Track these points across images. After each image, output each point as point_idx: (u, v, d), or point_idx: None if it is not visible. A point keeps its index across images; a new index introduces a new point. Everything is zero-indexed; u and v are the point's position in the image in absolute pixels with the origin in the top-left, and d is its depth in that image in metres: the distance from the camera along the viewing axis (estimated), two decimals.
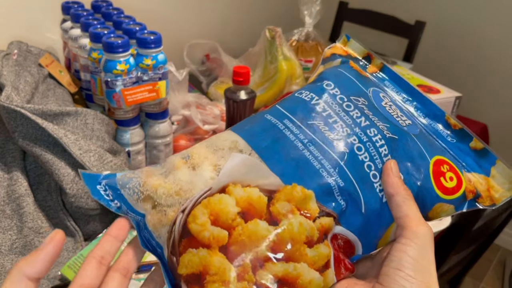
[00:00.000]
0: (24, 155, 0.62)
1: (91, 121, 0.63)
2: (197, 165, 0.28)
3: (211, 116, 0.83)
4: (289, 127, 0.29)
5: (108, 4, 0.80)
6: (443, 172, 0.30)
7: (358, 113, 0.30)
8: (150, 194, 0.28)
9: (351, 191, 0.27)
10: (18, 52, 0.70)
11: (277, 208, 0.26)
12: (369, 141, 0.29)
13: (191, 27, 1.20)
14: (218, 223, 0.25)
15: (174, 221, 0.26)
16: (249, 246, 0.25)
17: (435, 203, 0.30)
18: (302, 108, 0.30)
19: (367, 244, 0.29)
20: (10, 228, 0.57)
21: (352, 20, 1.45)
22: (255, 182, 0.26)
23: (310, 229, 0.26)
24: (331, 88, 0.31)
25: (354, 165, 0.28)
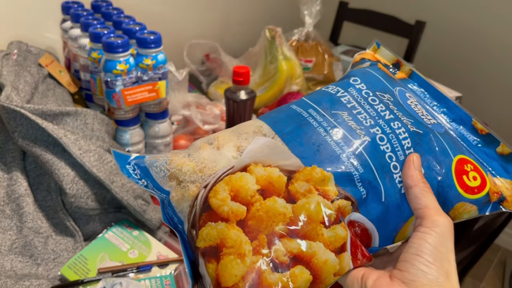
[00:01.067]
0: (24, 155, 0.62)
1: (91, 121, 0.63)
2: (221, 146, 0.29)
3: (211, 116, 0.83)
4: (313, 115, 0.30)
5: (108, 4, 0.80)
6: (467, 170, 0.29)
7: (382, 107, 0.30)
8: (175, 171, 0.29)
9: (371, 179, 0.28)
10: (18, 52, 0.70)
11: (296, 187, 0.27)
12: (392, 133, 0.29)
13: (191, 27, 1.20)
14: (238, 199, 0.26)
15: (196, 195, 0.27)
16: (266, 222, 0.26)
17: (457, 202, 0.29)
18: (328, 99, 0.31)
19: (384, 236, 0.28)
20: (10, 228, 0.57)
21: (352, 20, 1.45)
22: (276, 162, 0.27)
23: (328, 208, 0.26)
24: (358, 83, 0.32)
25: (375, 154, 0.28)
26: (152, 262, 0.56)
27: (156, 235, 0.61)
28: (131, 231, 0.60)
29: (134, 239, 0.59)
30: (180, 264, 0.56)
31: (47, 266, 0.56)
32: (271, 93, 0.97)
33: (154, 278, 0.53)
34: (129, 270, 0.54)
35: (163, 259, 0.56)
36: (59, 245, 0.58)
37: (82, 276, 0.53)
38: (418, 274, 0.24)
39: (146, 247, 0.58)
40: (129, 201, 0.58)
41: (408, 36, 1.35)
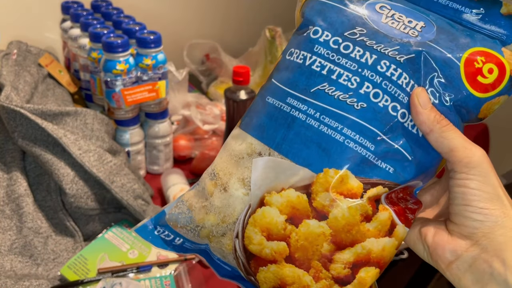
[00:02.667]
0: (24, 155, 0.62)
1: (90, 121, 0.63)
2: (226, 185, 0.27)
3: (211, 116, 0.83)
4: (295, 106, 0.26)
5: (108, 4, 0.80)
6: (479, 68, 0.25)
7: (360, 50, 0.26)
8: (201, 230, 0.28)
9: (387, 148, 0.25)
10: (18, 52, 0.70)
11: (320, 202, 0.25)
12: (384, 78, 0.25)
13: (191, 27, 1.20)
14: (273, 237, 0.25)
15: (234, 248, 0.27)
16: (311, 248, 0.25)
17: (482, 105, 0.26)
18: (299, 75, 0.27)
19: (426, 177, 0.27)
20: (10, 228, 0.57)
21: None
22: (287, 183, 0.26)
23: (361, 207, 0.25)
24: (320, 34, 0.27)
25: (377, 117, 0.25)
26: (152, 262, 0.56)
27: None
28: (131, 231, 0.60)
29: (134, 239, 0.59)
30: (180, 264, 0.56)
31: (47, 266, 0.56)
32: None
33: (154, 278, 0.53)
34: (129, 270, 0.54)
35: (163, 259, 0.56)
36: (59, 245, 0.58)
37: (82, 276, 0.53)
38: (475, 225, 0.23)
39: (146, 247, 0.58)
40: (129, 201, 0.58)
41: None
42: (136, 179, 0.62)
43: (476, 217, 0.23)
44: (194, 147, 0.80)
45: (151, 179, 0.75)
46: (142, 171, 0.76)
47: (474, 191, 0.23)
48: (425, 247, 0.26)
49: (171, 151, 0.78)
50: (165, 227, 0.29)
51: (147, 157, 0.76)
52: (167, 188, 0.69)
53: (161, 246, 0.29)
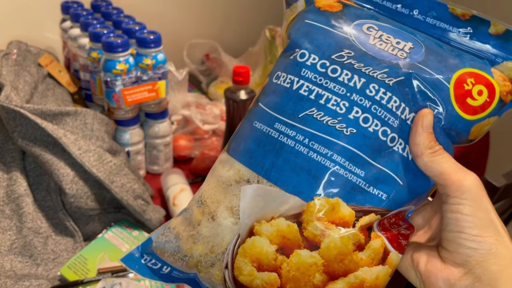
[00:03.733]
0: (24, 155, 0.62)
1: (90, 121, 0.63)
2: (214, 214, 0.26)
3: (211, 116, 0.83)
4: (283, 131, 0.25)
5: (108, 4, 0.80)
6: (469, 90, 0.25)
7: (348, 73, 0.25)
8: (189, 259, 0.27)
9: (377, 174, 0.24)
10: (18, 52, 0.70)
11: (311, 231, 0.24)
12: (373, 103, 0.25)
13: (191, 27, 1.20)
14: (263, 267, 0.25)
15: (223, 278, 0.26)
16: (303, 279, 0.24)
17: (471, 127, 0.26)
18: (287, 99, 0.26)
19: (418, 201, 0.26)
20: (10, 228, 0.57)
21: None
22: (277, 212, 0.25)
23: (353, 236, 0.24)
24: (307, 58, 0.26)
25: (367, 142, 0.24)
26: None
27: None
28: (131, 231, 0.60)
29: (134, 239, 0.59)
30: None
31: (47, 266, 0.56)
32: None
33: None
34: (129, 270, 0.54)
35: None
36: (58, 245, 0.58)
37: (81, 276, 0.53)
38: (469, 253, 0.22)
39: None
40: (128, 201, 0.58)
41: None
42: (136, 179, 0.62)
43: (470, 244, 0.22)
44: (194, 147, 0.80)
45: (151, 179, 0.75)
46: (142, 171, 0.76)
47: (467, 217, 0.22)
48: (417, 274, 0.25)
49: (171, 151, 0.78)
50: (152, 255, 0.28)
51: (147, 157, 0.76)
52: (167, 188, 0.69)
53: (149, 276, 0.28)
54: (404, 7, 0.28)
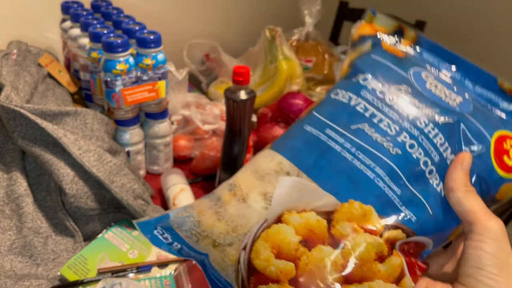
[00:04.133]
0: (24, 155, 0.62)
1: (90, 121, 0.62)
2: (246, 196, 0.27)
3: (211, 116, 0.83)
4: (333, 137, 0.27)
5: (108, 4, 0.80)
6: (507, 150, 0.27)
7: (403, 104, 0.28)
8: (207, 235, 0.27)
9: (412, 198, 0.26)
10: (18, 52, 0.70)
11: (339, 230, 0.25)
12: (421, 134, 0.26)
13: (191, 27, 1.20)
14: (282, 255, 0.24)
15: (238, 259, 0.25)
16: (318, 275, 0.24)
17: (501, 185, 0.28)
18: (342, 112, 0.28)
19: (438, 240, 0.27)
20: (10, 228, 0.57)
21: (353, 19, 1.45)
22: (309, 205, 0.25)
23: (378, 245, 0.24)
24: (369, 82, 0.29)
25: (408, 166, 0.26)
26: (152, 262, 0.55)
27: None
28: (131, 231, 0.60)
29: (134, 239, 0.59)
30: (180, 264, 0.56)
31: (47, 266, 0.56)
32: (271, 93, 0.96)
33: (154, 278, 0.53)
34: (129, 270, 0.54)
35: (163, 260, 0.56)
36: (58, 245, 0.58)
37: (81, 276, 0.53)
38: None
39: (146, 247, 0.57)
40: (129, 201, 0.58)
41: None
42: (136, 179, 0.62)
43: (488, 282, 0.23)
44: (194, 147, 0.80)
45: (151, 179, 0.75)
46: (142, 171, 0.76)
47: (488, 255, 0.23)
48: None
49: (171, 151, 0.78)
50: (166, 229, 0.29)
51: (147, 157, 0.76)
52: (167, 188, 0.69)
53: (158, 245, 0.29)
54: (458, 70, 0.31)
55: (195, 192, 0.71)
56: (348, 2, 1.45)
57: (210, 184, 0.76)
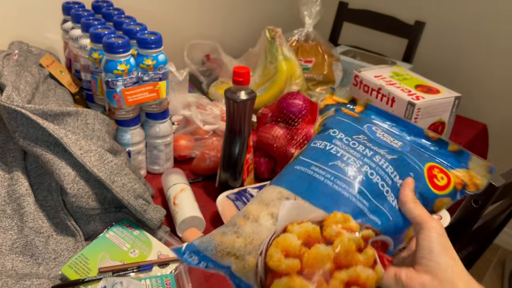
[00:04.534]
0: (25, 155, 0.62)
1: (91, 121, 0.63)
2: (257, 218, 0.36)
3: (211, 116, 0.83)
4: (317, 171, 0.38)
5: (109, 5, 0.80)
6: (435, 174, 0.40)
7: (362, 147, 0.40)
8: (230, 250, 0.36)
9: (376, 208, 0.36)
10: (19, 52, 0.70)
11: (329, 232, 0.34)
12: (377, 166, 0.38)
13: (191, 28, 1.20)
14: (289, 256, 0.34)
15: (256, 264, 0.34)
16: (317, 266, 0.33)
17: (435, 200, 0.39)
18: (321, 154, 0.40)
19: (397, 241, 0.37)
20: (11, 227, 0.57)
21: (352, 20, 1.45)
22: (306, 218, 0.35)
23: (357, 240, 0.34)
24: (337, 134, 0.41)
25: (371, 188, 0.37)
26: (152, 261, 0.56)
27: (157, 234, 0.61)
28: (132, 230, 0.60)
29: (134, 238, 0.59)
30: (180, 264, 0.56)
31: (48, 265, 0.56)
32: (271, 93, 0.97)
33: (154, 278, 0.53)
34: (130, 269, 0.54)
35: (163, 259, 0.56)
36: (60, 244, 0.58)
37: (83, 275, 0.53)
38: (435, 266, 0.34)
39: (147, 247, 0.58)
40: (129, 201, 0.59)
41: (407, 37, 1.35)
42: (137, 179, 0.63)
43: (437, 259, 0.34)
44: (194, 147, 0.80)
45: (151, 179, 0.76)
46: (143, 171, 0.76)
47: (435, 244, 0.34)
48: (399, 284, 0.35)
49: (172, 151, 0.78)
50: (194, 252, 0.37)
51: (148, 157, 0.76)
52: (167, 188, 0.69)
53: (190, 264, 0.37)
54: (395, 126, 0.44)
55: (196, 191, 0.71)
56: (347, 3, 1.45)
57: (211, 184, 0.76)
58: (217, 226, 0.66)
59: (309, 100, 0.81)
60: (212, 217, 0.69)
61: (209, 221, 0.68)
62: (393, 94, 0.79)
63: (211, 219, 0.69)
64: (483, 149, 1.10)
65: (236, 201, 0.66)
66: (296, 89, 0.96)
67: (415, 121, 0.78)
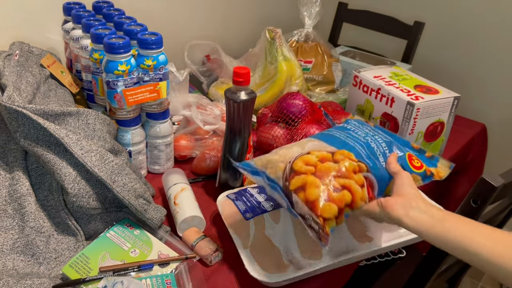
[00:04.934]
0: (26, 155, 0.63)
1: (92, 121, 0.63)
2: (290, 147, 0.57)
3: (212, 116, 0.83)
4: (334, 132, 0.59)
5: (109, 5, 0.81)
6: (413, 159, 0.58)
7: (368, 128, 0.60)
8: (267, 162, 0.55)
9: (370, 157, 0.55)
10: (20, 53, 0.71)
11: (337, 156, 0.53)
12: (375, 140, 0.58)
13: (191, 28, 1.20)
14: (308, 165, 0.52)
15: (284, 168, 0.53)
16: (325, 172, 0.51)
17: (411, 174, 0.54)
18: (338, 127, 0.61)
19: (381, 186, 0.54)
20: (12, 227, 0.57)
21: (351, 21, 1.46)
22: (323, 150, 0.55)
23: (354, 165, 0.52)
24: (351, 122, 0.62)
25: (369, 148, 0.56)
26: (153, 261, 0.56)
27: (157, 234, 0.61)
28: (132, 230, 0.60)
29: (135, 238, 0.59)
30: (180, 263, 0.57)
31: (49, 265, 0.56)
32: (271, 93, 0.97)
33: (155, 277, 0.53)
34: (130, 269, 0.55)
35: (164, 258, 0.57)
36: (60, 244, 0.58)
37: (83, 275, 0.53)
38: (405, 191, 0.50)
39: (147, 246, 0.58)
40: (130, 200, 0.59)
41: (407, 37, 1.35)
42: (138, 178, 0.63)
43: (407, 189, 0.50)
44: (194, 147, 0.81)
45: (152, 178, 0.76)
46: (144, 170, 0.76)
47: (406, 180, 0.51)
48: (380, 205, 0.50)
49: (172, 151, 0.78)
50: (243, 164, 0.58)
51: (148, 157, 0.77)
52: (168, 188, 0.69)
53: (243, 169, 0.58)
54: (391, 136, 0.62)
55: (196, 191, 0.71)
56: (347, 3, 1.45)
57: (211, 184, 0.76)
58: (217, 226, 0.66)
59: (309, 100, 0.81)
60: (212, 217, 0.69)
61: (209, 220, 0.68)
62: (393, 94, 0.79)
63: (211, 218, 0.69)
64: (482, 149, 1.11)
65: (236, 201, 0.66)
66: (296, 89, 0.97)
67: (414, 121, 0.78)
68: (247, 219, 0.62)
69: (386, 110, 0.81)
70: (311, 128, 0.75)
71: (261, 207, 0.64)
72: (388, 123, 0.82)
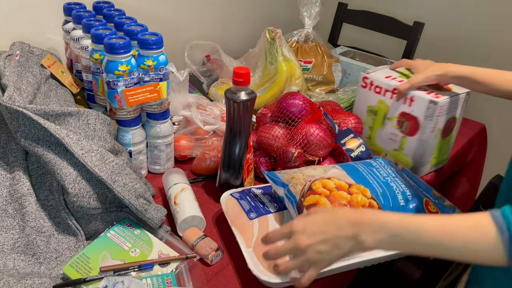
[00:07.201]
0: (27, 155, 0.63)
1: (93, 121, 0.63)
2: (315, 168, 0.65)
3: (212, 116, 0.83)
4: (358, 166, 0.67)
5: (110, 6, 0.81)
6: (429, 204, 0.65)
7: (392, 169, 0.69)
8: (292, 178, 0.63)
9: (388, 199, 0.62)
10: (21, 53, 0.71)
11: (352, 189, 0.61)
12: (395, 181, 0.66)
13: (192, 28, 1.20)
14: (325, 188, 0.60)
15: (304, 185, 0.60)
16: (338, 199, 0.59)
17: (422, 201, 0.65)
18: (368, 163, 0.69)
19: None
20: (13, 227, 0.57)
21: (351, 21, 1.46)
22: (343, 179, 0.62)
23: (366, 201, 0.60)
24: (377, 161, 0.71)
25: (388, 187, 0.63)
26: (153, 260, 0.56)
27: (158, 234, 0.61)
28: (133, 230, 0.60)
29: (135, 238, 0.59)
30: (181, 263, 0.57)
31: (50, 265, 0.56)
32: (271, 93, 0.97)
33: (155, 277, 0.54)
34: (131, 268, 0.55)
35: (164, 258, 0.57)
36: (61, 244, 0.58)
37: (84, 274, 0.54)
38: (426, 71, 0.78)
39: (148, 246, 0.58)
40: (130, 200, 0.59)
41: (406, 37, 1.35)
42: (138, 178, 0.63)
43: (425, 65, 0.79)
44: (195, 147, 0.81)
45: (152, 178, 0.76)
46: (144, 170, 0.76)
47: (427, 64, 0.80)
48: None
49: (172, 151, 0.78)
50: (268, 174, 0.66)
51: (149, 157, 0.77)
52: (168, 188, 0.69)
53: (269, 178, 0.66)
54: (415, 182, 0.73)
55: (196, 191, 0.71)
56: (347, 4, 1.45)
57: (211, 184, 0.76)
58: (218, 226, 0.67)
59: (308, 100, 0.81)
60: (212, 217, 0.69)
61: (209, 220, 0.68)
62: (412, 94, 0.78)
63: (212, 218, 0.69)
64: (482, 149, 1.11)
65: (240, 200, 0.66)
66: (295, 89, 0.97)
67: (437, 118, 0.77)
68: (251, 218, 0.62)
69: (404, 109, 0.80)
70: (311, 128, 0.75)
71: (265, 207, 0.64)
72: (407, 122, 0.80)
